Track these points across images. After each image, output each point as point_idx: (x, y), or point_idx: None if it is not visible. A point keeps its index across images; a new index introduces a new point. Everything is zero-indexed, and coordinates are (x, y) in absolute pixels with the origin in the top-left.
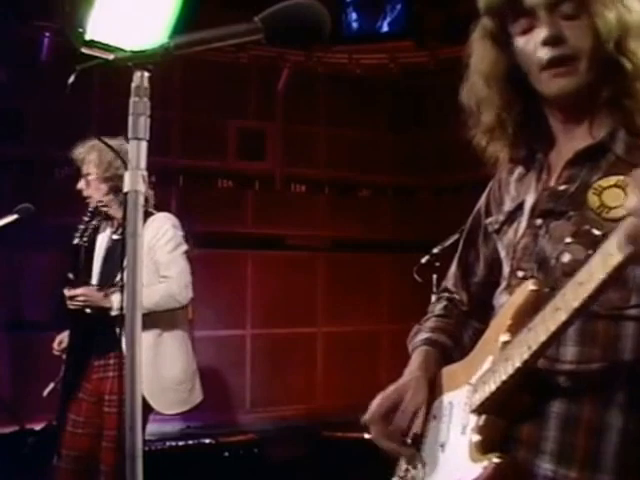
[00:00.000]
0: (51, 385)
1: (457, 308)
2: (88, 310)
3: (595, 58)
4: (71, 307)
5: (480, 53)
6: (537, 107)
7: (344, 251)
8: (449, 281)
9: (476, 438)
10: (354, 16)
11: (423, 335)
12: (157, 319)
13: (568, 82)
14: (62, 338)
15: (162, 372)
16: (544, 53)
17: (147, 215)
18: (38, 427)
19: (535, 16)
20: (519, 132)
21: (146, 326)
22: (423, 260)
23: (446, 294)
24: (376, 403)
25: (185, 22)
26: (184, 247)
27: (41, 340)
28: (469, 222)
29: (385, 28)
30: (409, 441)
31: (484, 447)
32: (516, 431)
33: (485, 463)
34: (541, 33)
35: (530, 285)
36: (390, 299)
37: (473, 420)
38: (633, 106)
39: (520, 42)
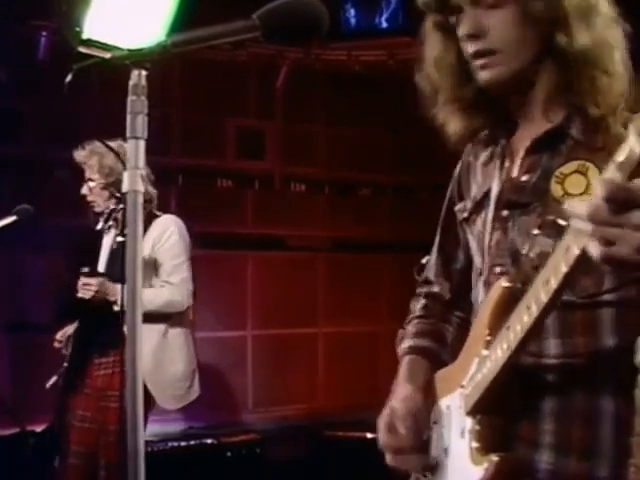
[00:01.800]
0: (54, 378)
1: (437, 302)
2: (91, 296)
3: (527, 45)
4: (81, 295)
5: (430, 43)
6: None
7: (344, 251)
8: (430, 271)
9: (475, 440)
10: (352, 12)
11: (407, 342)
12: (164, 316)
13: (492, 74)
14: (66, 330)
15: (165, 368)
16: (468, 47)
17: (152, 217)
18: (39, 429)
19: (462, 10)
20: (478, 109)
21: (153, 322)
22: (423, 260)
23: (425, 288)
24: (381, 430)
25: (183, 20)
26: (187, 253)
27: (42, 341)
28: (444, 209)
29: (383, 24)
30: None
31: (484, 448)
32: (515, 429)
33: (486, 465)
34: (462, 29)
35: (503, 282)
36: (390, 299)
37: (469, 422)
38: (583, 90)
39: (457, 33)
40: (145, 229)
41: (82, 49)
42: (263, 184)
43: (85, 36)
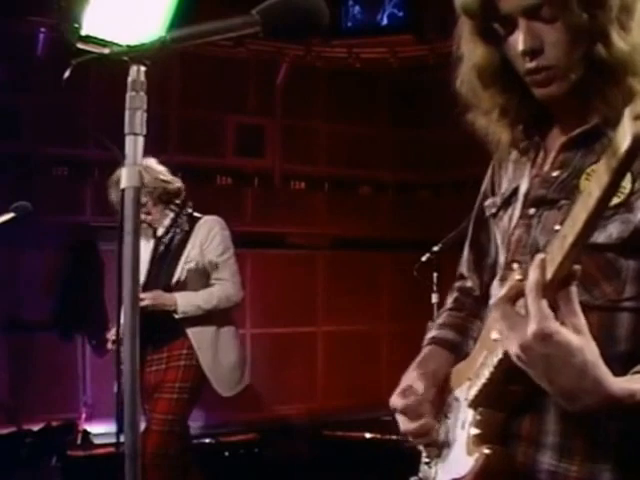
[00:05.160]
0: (115, 385)
1: (469, 297)
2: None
3: (581, 60)
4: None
5: (471, 48)
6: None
7: (344, 249)
8: (463, 266)
9: (473, 431)
10: (353, 9)
11: (431, 333)
12: (214, 317)
13: (550, 90)
14: (116, 330)
15: (221, 361)
16: (525, 62)
17: (194, 220)
18: (36, 428)
19: (514, 21)
20: (519, 114)
21: (205, 324)
22: (423, 258)
23: (458, 283)
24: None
25: (182, 16)
26: (232, 249)
27: (38, 340)
28: (477, 203)
29: (385, 22)
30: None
31: (480, 440)
32: (516, 427)
33: (476, 456)
34: (519, 43)
35: (516, 275)
36: (390, 298)
37: (471, 414)
38: (619, 99)
39: (506, 44)
40: (190, 232)
41: (81, 45)
42: (262, 182)
43: (84, 32)
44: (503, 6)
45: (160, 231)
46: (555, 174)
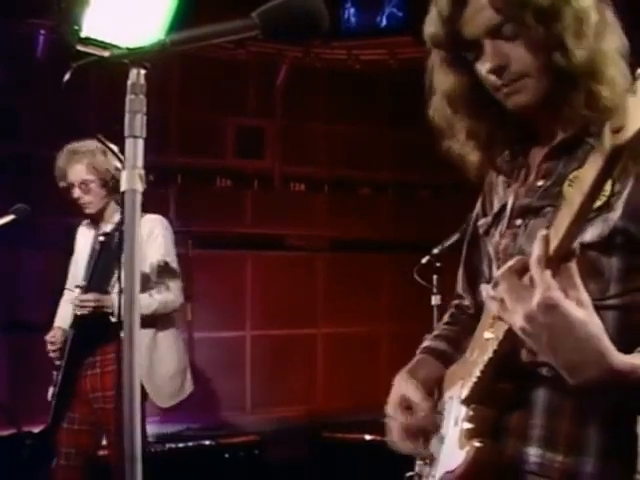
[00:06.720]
0: (52, 388)
1: (464, 314)
2: (89, 312)
3: (545, 70)
4: (79, 312)
5: (441, 77)
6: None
7: (344, 251)
8: (458, 285)
9: (466, 426)
10: (352, 11)
11: (425, 343)
12: (153, 320)
13: (520, 99)
14: (54, 333)
15: (157, 368)
16: (493, 80)
17: None
18: (36, 430)
19: (480, 44)
20: (495, 139)
21: (143, 326)
22: (423, 260)
23: (456, 301)
24: (389, 409)
25: (183, 19)
26: (174, 251)
27: (38, 341)
28: (471, 225)
29: (384, 22)
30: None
31: (472, 434)
32: (506, 421)
33: (467, 448)
34: (485, 63)
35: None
36: (390, 299)
37: (463, 411)
38: (583, 103)
39: (475, 67)
40: None
41: (81, 47)
42: (262, 183)
43: (84, 34)
44: (467, 31)
45: (108, 227)
46: (540, 183)
